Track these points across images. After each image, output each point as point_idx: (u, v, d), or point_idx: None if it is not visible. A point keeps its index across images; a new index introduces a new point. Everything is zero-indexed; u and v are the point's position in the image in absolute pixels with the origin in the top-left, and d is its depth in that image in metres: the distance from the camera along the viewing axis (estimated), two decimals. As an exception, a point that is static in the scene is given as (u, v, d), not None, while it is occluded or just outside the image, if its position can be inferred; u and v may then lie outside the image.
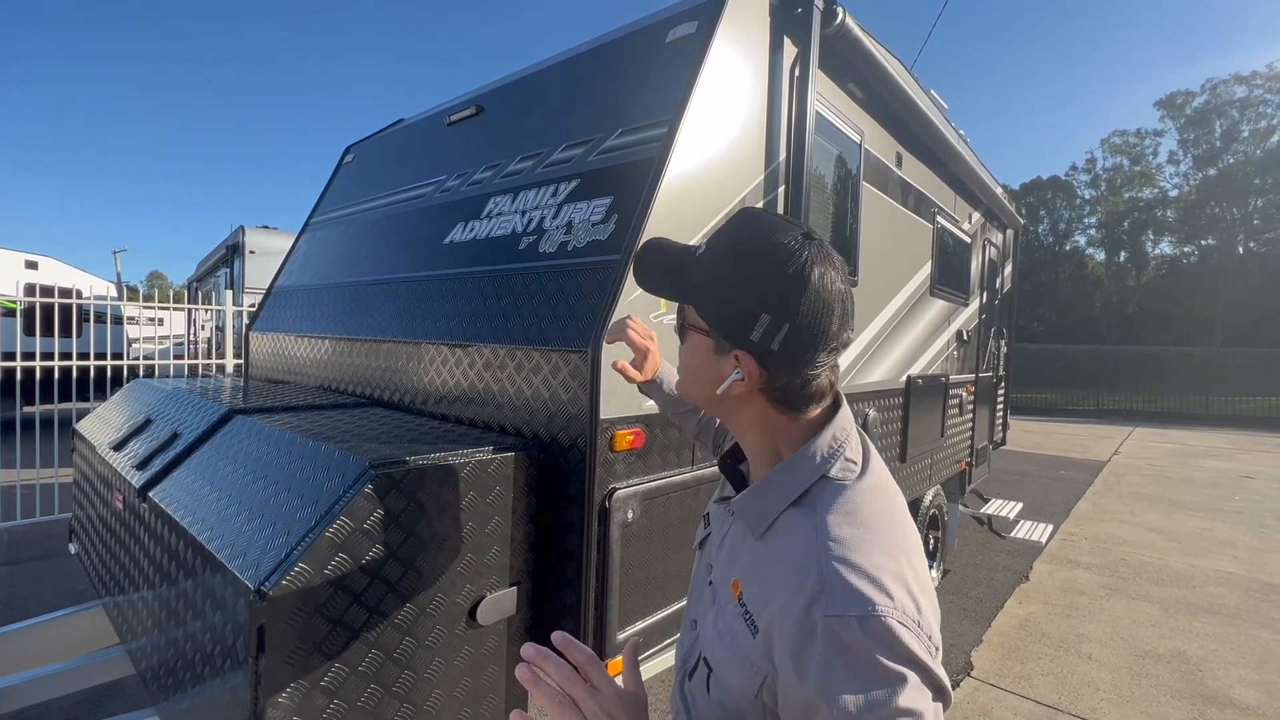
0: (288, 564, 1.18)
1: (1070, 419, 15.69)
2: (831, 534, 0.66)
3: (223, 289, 9.21)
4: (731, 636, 0.71)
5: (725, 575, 0.77)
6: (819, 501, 0.70)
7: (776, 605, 0.65)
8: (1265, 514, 6.39)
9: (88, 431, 2.53)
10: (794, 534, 0.69)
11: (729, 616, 0.73)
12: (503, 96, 2.70)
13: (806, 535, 0.67)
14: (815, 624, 0.60)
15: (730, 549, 0.79)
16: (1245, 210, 32.07)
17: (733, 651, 0.70)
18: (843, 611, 0.59)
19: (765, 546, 0.72)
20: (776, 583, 0.67)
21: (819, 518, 0.68)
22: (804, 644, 0.61)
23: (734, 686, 0.69)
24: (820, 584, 0.62)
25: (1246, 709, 2.85)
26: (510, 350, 1.87)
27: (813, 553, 0.65)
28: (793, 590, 0.64)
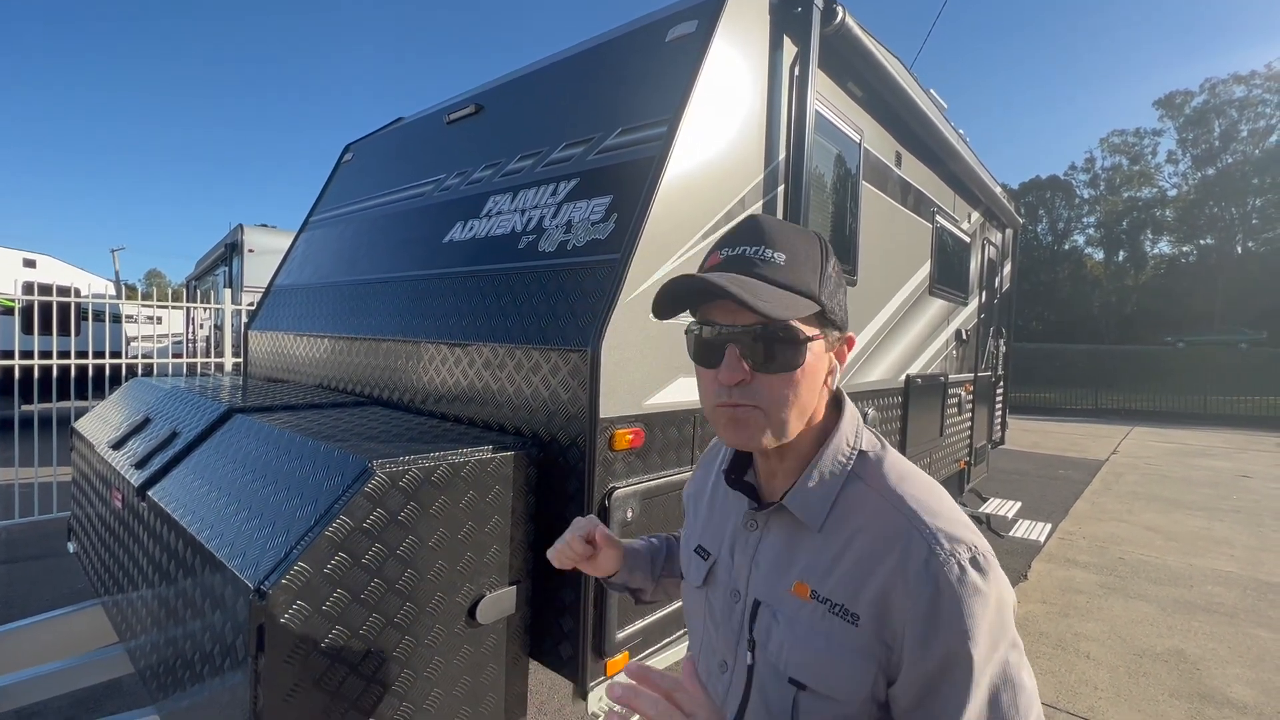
0: (287, 563, 1.18)
1: (1068, 418, 15.72)
2: (907, 497, 0.71)
3: (221, 287, 9.19)
4: (825, 639, 0.69)
5: (776, 588, 0.75)
6: (868, 475, 0.75)
7: (879, 580, 0.67)
8: (1263, 513, 6.40)
9: (86, 430, 2.52)
10: (865, 509, 0.72)
11: (808, 622, 0.71)
12: (502, 95, 2.70)
13: (881, 506, 0.71)
14: (938, 576, 0.64)
15: (772, 560, 0.76)
16: (1244, 210, 32.12)
17: (833, 653, 0.68)
18: (961, 558, 0.65)
19: (831, 535, 0.72)
20: (868, 560, 0.69)
21: (883, 487, 0.73)
22: (934, 599, 0.64)
23: (842, 689, 0.68)
24: (926, 542, 0.66)
25: (1244, 707, 2.86)
26: (510, 349, 1.87)
27: (900, 518, 0.69)
28: (897, 558, 0.66)
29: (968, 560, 0.65)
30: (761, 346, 0.70)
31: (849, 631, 0.68)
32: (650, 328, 1.76)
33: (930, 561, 0.65)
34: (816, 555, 0.73)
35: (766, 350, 0.70)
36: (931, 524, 0.67)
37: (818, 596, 0.71)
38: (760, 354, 0.70)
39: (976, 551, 0.66)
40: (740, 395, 0.71)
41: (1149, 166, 36.67)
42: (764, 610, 0.75)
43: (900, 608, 0.65)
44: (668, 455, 1.86)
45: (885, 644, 0.66)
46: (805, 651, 0.70)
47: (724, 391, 0.72)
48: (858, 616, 0.67)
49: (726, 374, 0.70)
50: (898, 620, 0.65)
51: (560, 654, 1.68)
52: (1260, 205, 31.49)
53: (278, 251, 6.20)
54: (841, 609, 0.69)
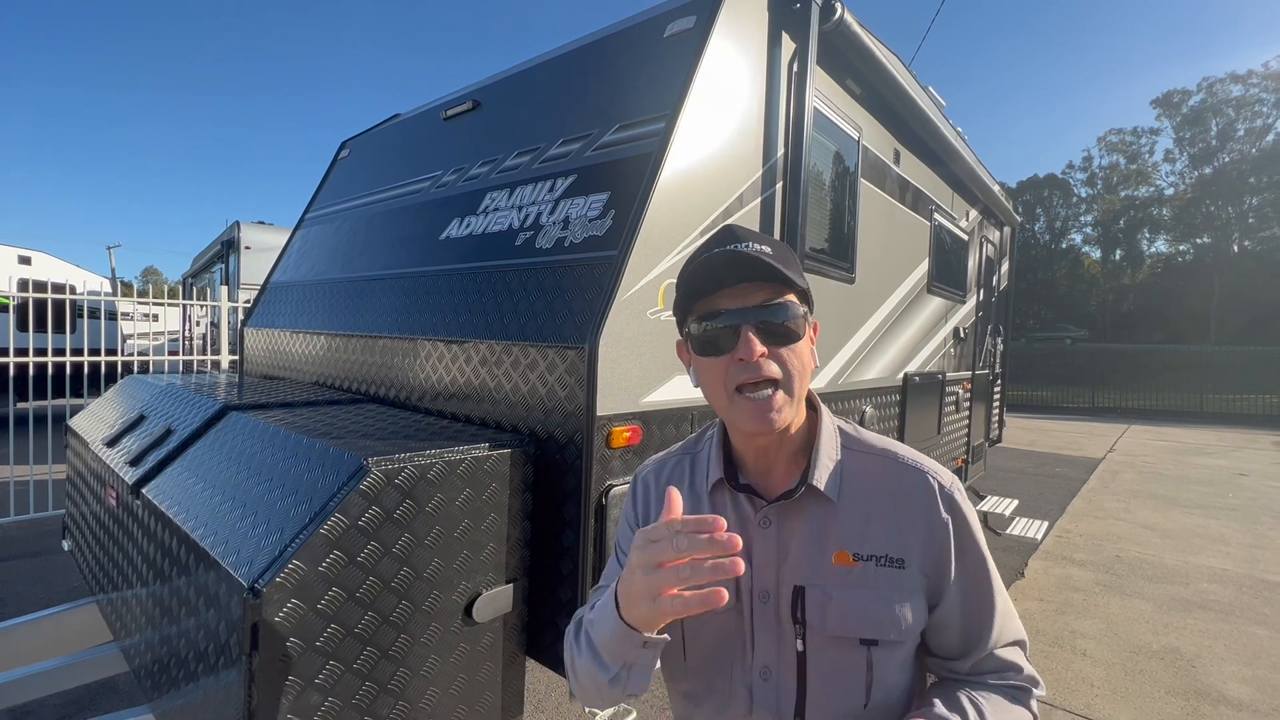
0: (281, 561, 1.18)
1: (1065, 416, 15.75)
2: (898, 451, 0.85)
3: (218, 285, 9.16)
4: (882, 591, 0.78)
5: (816, 567, 0.80)
6: (856, 444, 0.86)
7: (917, 521, 0.80)
8: (1258, 511, 6.42)
9: (81, 428, 2.51)
10: (871, 472, 0.83)
11: (860, 583, 0.78)
12: (499, 91, 2.69)
13: (885, 464, 0.84)
14: (952, 502, 0.81)
15: (804, 544, 0.81)
16: (1240, 209, 32.19)
17: (893, 600, 0.78)
18: (957, 485, 0.84)
19: (850, 502, 0.81)
20: (899, 509, 0.80)
21: (875, 450, 0.85)
22: (955, 520, 0.80)
23: (907, 629, 0.78)
24: (935, 479, 0.82)
25: (1239, 705, 2.86)
26: (507, 346, 1.86)
27: (907, 468, 0.83)
28: (923, 499, 0.81)
29: (958, 484, 0.84)
30: (772, 322, 0.77)
31: (899, 576, 0.78)
32: (648, 325, 1.75)
33: (944, 493, 0.81)
34: (846, 524, 0.80)
35: (777, 325, 0.78)
36: (927, 465, 0.84)
37: (861, 557, 0.79)
38: (772, 330, 0.77)
39: (955, 479, 0.85)
40: (765, 369, 0.76)
41: (1146, 165, 36.74)
42: (812, 591, 0.79)
43: (936, 537, 0.79)
44: (665, 453, 1.86)
45: (925, 574, 0.79)
46: (868, 608, 0.77)
47: (742, 370, 0.76)
48: (903, 560, 0.78)
49: (747, 350, 0.75)
50: (937, 547, 0.79)
51: (557, 652, 1.67)
52: (1257, 204, 31.56)
53: (275, 248, 6.18)
54: (887, 559, 0.79)
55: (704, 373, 0.82)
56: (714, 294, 0.79)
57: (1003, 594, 0.83)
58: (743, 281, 0.78)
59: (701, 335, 0.81)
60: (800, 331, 0.79)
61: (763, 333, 0.77)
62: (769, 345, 0.77)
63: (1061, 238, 39.61)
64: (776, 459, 0.84)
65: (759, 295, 0.78)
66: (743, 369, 0.76)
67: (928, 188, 3.95)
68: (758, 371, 0.76)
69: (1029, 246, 37.86)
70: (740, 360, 0.76)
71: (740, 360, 0.76)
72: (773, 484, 0.85)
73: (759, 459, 0.85)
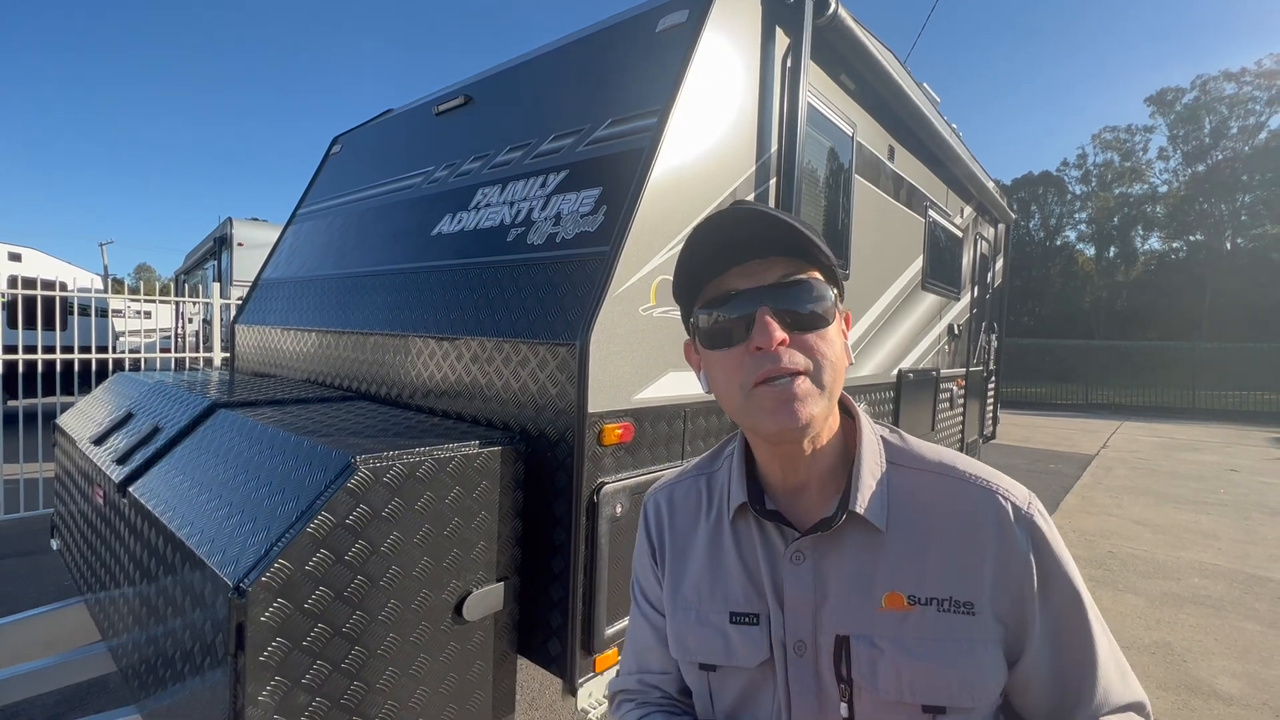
0: (267, 560, 1.16)
1: (1059, 413, 15.82)
2: (958, 465, 0.69)
3: (210, 282, 9.10)
4: (949, 643, 0.62)
5: (862, 612, 0.65)
6: (904, 458, 0.71)
7: (985, 554, 0.64)
8: (1249, 506, 6.47)
9: (69, 426, 2.48)
10: (926, 492, 0.68)
11: (919, 633, 0.63)
12: (492, 86, 2.67)
13: (943, 483, 0.68)
14: (1030, 527, 0.65)
15: (844, 584, 0.66)
16: (1233, 206, 32.37)
17: (963, 655, 0.62)
18: (1033, 504, 0.67)
19: (901, 531, 0.66)
20: (963, 539, 0.65)
21: (929, 464, 0.70)
22: (1036, 550, 0.64)
23: (982, 693, 0.62)
24: (1006, 500, 0.66)
25: (1229, 699, 2.88)
26: (498, 343, 1.84)
27: (971, 488, 0.67)
28: (992, 526, 0.65)
29: (1036, 503, 0.67)
30: (793, 301, 0.64)
31: (968, 624, 0.63)
32: (640, 321, 1.74)
33: (1018, 516, 0.65)
34: (897, 558, 0.65)
35: (800, 305, 0.64)
36: (996, 482, 0.67)
37: (919, 600, 0.63)
38: (794, 312, 0.64)
39: (1031, 495, 0.68)
40: (787, 359, 0.62)
41: (1140, 163, 36.90)
42: (858, 643, 0.64)
43: (1014, 573, 0.63)
44: (658, 450, 1.85)
45: (1001, 621, 0.64)
46: (931, 666, 0.62)
47: (761, 362, 0.63)
48: (971, 603, 0.63)
49: (764, 337, 0.62)
50: (1014, 586, 0.63)
51: (549, 650, 1.67)
52: (1249, 202, 31.74)
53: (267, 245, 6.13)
54: (951, 602, 0.63)
55: (714, 369, 0.68)
56: (721, 274, 0.67)
57: (1109, 643, 0.66)
58: (753, 257, 0.66)
59: (710, 326, 0.67)
60: (829, 316, 0.65)
61: (783, 317, 0.63)
62: (791, 332, 0.63)
63: (1056, 235, 39.78)
64: (809, 476, 0.70)
65: (776, 270, 0.65)
66: (760, 361, 0.63)
67: (922, 184, 3.94)
68: (778, 362, 0.62)
69: (1023, 243, 37.98)
70: (757, 350, 0.63)
71: (757, 350, 0.63)
72: (806, 509, 0.71)
73: (787, 475, 0.70)
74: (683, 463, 1.93)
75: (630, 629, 0.85)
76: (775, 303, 0.64)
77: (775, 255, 0.66)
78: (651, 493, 0.86)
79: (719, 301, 0.67)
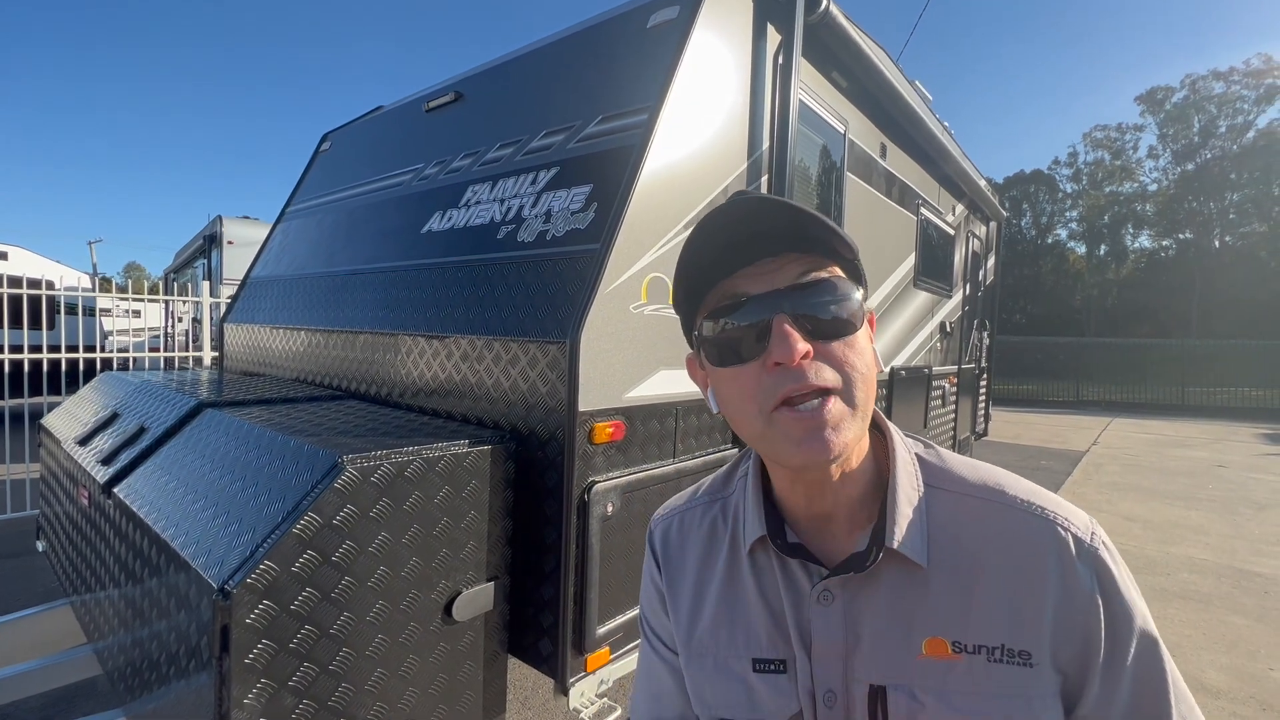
0: (253, 562, 1.15)
1: (1050, 410, 15.93)
2: (1008, 489, 0.59)
3: (200, 280, 9.02)
4: (999, 698, 0.54)
5: (899, 660, 0.57)
6: (944, 480, 0.61)
7: (1044, 594, 0.54)
8: (1237, 502, 6.53)
9: (54, 426, 2.45)
10: (972, 520, 0.58)
11: (966, 685, 0.55)
12: (482, 82, 2.65)
13: (992, 510, 0.58)
14: (1094, 563, 0.56)
15: (879, 628, 0.58)
16: (1222, 205, 32.66)
17: (1017, 711, 0.54)
18: (1096, 534, 0.57)
19: (943, 566, 0.57)
20: (1017, 577, 0.55)
21: (973, 488, 0.60)
22: (1103, 589, 0.55)
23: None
24: (1066, 530, 0.56)
25: (1217, 693, 2.91)
26: (488, 341, 1.83)
27: (1025, 516, 0.57)
28: (1053, 561, 0.55)
29: (1100, 533, 0.58)
30: (815, 305, 0.55)
31: (1024, 675, 0.54)
32: (631, 319, 1.74)
33: (1080, 550, 0.56)
34: (939, 599, 0.57)
35: (822, 310, 0.55)
36: (1053, 509, 0.58)
37: (965, 648, 0.55)
38: (816, 319, 0.55)
39: (1093, 521, 0.59)
40: (813, 375, 0.54)
41: (1130, 161, 37.16)
42: (896, 694, 0.56)
43: (1077, 618, 0.54)
44: (649, 448, 1.84)
45: (1060, 670, 0.55)
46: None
47: (782, 380, 0.54)
48: (1029, 653, 0.54)
49: (784, 350, 0.53)
50: (1077, 633, 0.54)
51: (540, 650, 1.66)
52: (1237, 200, 32.03)
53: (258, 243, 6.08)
54: (1004, 651, 0.54)
55: (725, 388, 0.59)
56: (727, 277, 0.58)
57: (1183, 691, 0.56)
58: (763, 256, 0.57)
59: (718, 338, 0.58)
60: (857, 320, 0.57)
61: (804, 325, 0.55)
62: (814, 342, 0.55)
63: (1047, 233, 40.01)
64: (835, 505, 0.61)
65: (791, 269, 0.57)
66: (780, 378, 0.54)
67: (914, 182, 3.95)
68: (803, 379, 0.53)
69: (1015, 242, 38.19)
70: (775, 366, 0.54)
71: (775, 366, 0.54)
72: (833, 541, 0.62)
73: (812, 504, 0.62)
74: (675, 461, 1.93)
75: (640, 669, 0.77)
76: (794, 308, 0.55)
77: (788, 252, 0.57)
78: (658, 519, 0.77)
79: (726, 309, 0.58)
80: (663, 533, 0.75)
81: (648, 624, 0.76)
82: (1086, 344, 20.68)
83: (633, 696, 0.78)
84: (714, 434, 2.09)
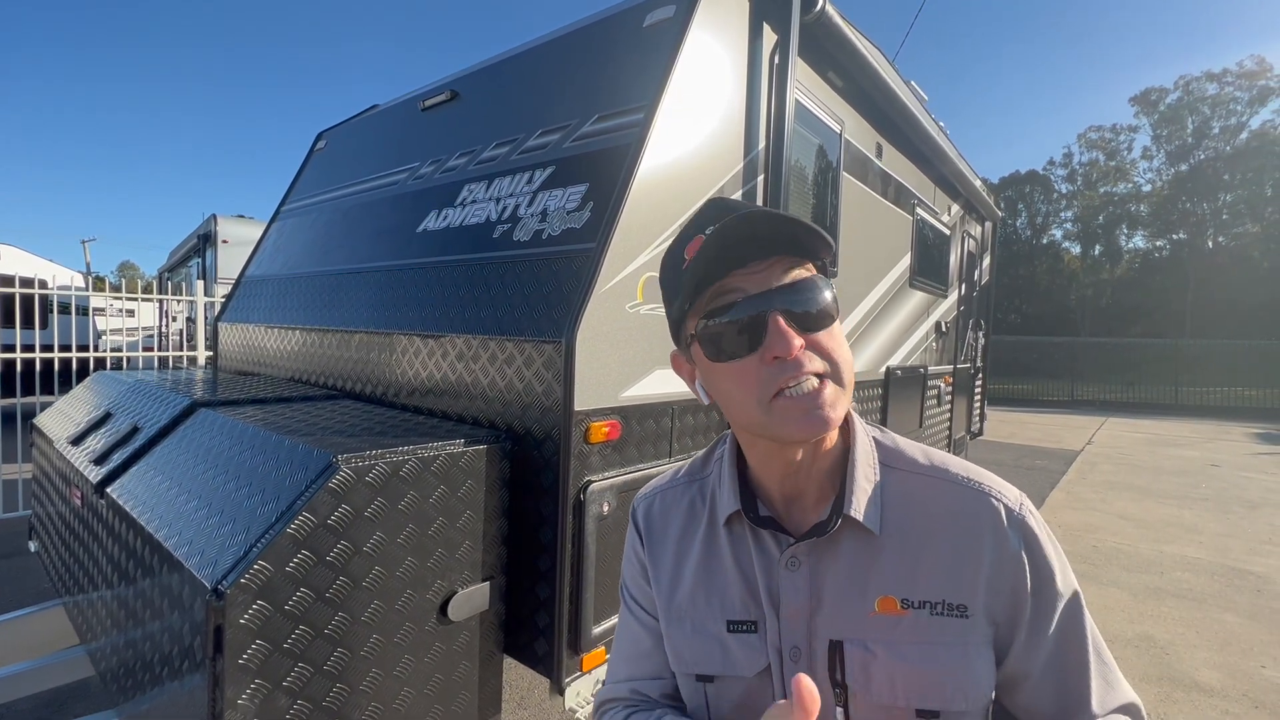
0: (247, 562, 1.14)
1: (1045, 409, 15.99)
2: (950, 468, 0.69)
3: (195, 279, 8.98)
4: (940, 646, 0.63)
5: (855, 616, 0.65)
6: (896, 460, 0.70)
7: (981, 557, 0.64)
8: (1230, 501, 6.56)
9: (47, 426, 2.44)
10: (920, 495, 0.67)
11: (912, 636, 0.63)
12: (478, 81, 2.64)
13: (936, 486, 0.68)
14: (1023, 529, 0.65)
15: (839, 589, 0.66)
16: (1215, 205, 32.84)
17: (955, 658, 0.62)
18: (1025, 505, 0.68)
19: (895, 534, 0.66)
20: (958, 543, 0.65)
21: (921, 467, 0.70)
22: (1030, 551, 0.65)
23: (975, 694, 0.63)
24: (999, 502, 0.66)
25: (1210, 691, 2.92)
26: (484, 341, 1.83)
27: (964, 490, 0.67)
28: (988, 529, 0.65)
29: (1028, 504, 0.68)
30: (803, 301, 0.62)
31: (962, 627, 0.63)
32: (627, 318, 1.74)
33: (1010, 518, 0.65)
34: (890, 562, 0.65)
35: (810, 305, 0.62)
36: (988, 484, 0.68)
37: (911, 604, 0.64)
38: (804, 314, 0.62)
39: (1023, 495, 0.69)
40: (809, 364, 0.61)
41: (1125, 162, 37.32)
42: (851, 647, 0.64)
43: (1006, 575, 0.64)
44: (645, 448, 1.84)
45: (993, 621, 0.64)
46: (924, 670, 0.62)
47: (780, 371, 0.60)
48: (965, 606, 0.63)
49: (783, 344, 0.59)
50: (1006, 588, 0.64)
51: (535, 650, 1.66)
52: (1230, 201, 32.21)
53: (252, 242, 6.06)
54: (944, 605, 0.63)
55: (723, 382, 0.65)
56: (721, 279, 0.63)
57: (1100, 645, 0.67)
58: (754, 258, 0.63)
59: (716, 334, 0.63)
60: (834, 313, 0.65)
61: (794, 320, 0.61)
62: (804, 334, 0.61)
63: (1042, 233, 40.17)
64: (807, 481, 0.69)
65: (778, 270, 0.63)
66: (779, 370, 0.60)
67: (910, 182, 3.96)
68: (800, 368, 0.60)
69: (1010, 242, 38.35)
70: (775, 359, 0.60)
71: (775, 359, 0.60)
72: (801, 514, 0.70)
73: (784, 482, 0.69)
74: (671, 460, 1.93)
75: (619, 634, 0.83)
76: (785, 304, 0.61)
77: (776, 255, 0.63)
78: (641, 497, 0.84)
79: (722, 309, 0.63)
80: (645, 509, 0.82)
81: (629, 592, 0.83)
82: (1081, 344, 20.77)
83: (610, 658, 0.85)
84: (709, 433, 2.09)
